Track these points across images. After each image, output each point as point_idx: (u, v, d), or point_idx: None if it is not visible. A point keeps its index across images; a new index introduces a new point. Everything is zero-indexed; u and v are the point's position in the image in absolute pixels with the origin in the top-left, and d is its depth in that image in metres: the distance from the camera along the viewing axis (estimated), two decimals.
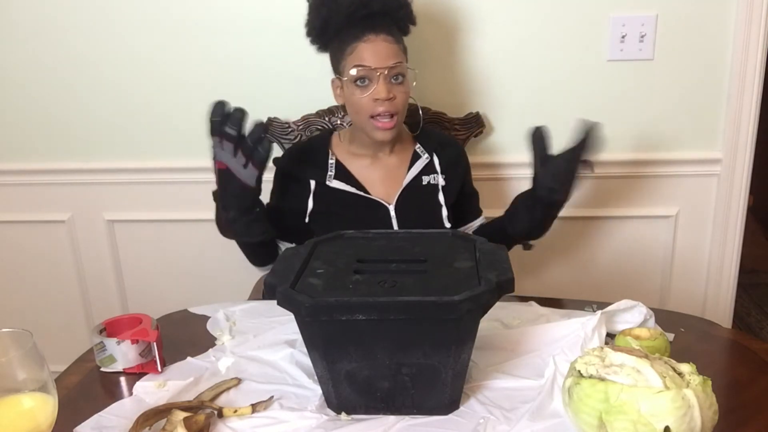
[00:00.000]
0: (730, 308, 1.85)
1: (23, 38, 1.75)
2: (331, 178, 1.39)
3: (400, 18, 1.36)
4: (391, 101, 1.30)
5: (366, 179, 1.41)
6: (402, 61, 1.32)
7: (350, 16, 1.30)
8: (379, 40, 1.29)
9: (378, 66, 1.29)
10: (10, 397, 0.73)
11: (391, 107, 1.30)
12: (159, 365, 1.02)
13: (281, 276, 0.91)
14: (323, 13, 1.33)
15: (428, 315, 0.83)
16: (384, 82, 1.29)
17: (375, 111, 1.31)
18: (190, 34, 1.71)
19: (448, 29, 1.65)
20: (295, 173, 1.43)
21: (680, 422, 0.74)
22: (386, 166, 1.43)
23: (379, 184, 1.41)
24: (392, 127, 1.32)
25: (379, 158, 1.42)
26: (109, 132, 1.82)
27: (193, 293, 1.90)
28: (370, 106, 1.31)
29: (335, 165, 1.41)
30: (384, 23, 1.32)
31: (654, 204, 1.78)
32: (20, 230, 1.94)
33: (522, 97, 1.70)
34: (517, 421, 0.86)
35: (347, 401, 0.90)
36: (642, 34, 1.63)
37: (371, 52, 1.29)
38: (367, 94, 1.30)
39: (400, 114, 1.33)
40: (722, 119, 1.69)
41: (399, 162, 1.43)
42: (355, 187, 1.39)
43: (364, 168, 1.42)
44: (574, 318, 1.05)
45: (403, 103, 1.33)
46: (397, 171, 1.43)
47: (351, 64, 1.30)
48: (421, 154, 1.43)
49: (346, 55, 1.32)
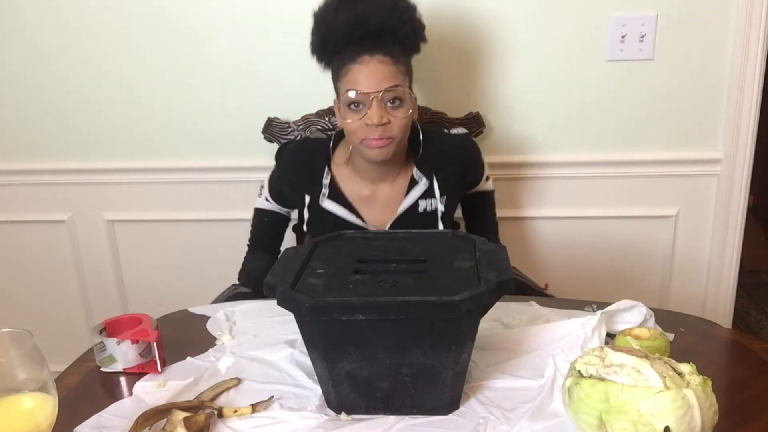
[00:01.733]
0: (730, 308, 1.85)
1: (23, 38, 1.75)
2: (324, 198, 1.35)
3: (405, 36, 1.28)
4: (385, 127, 1.23)
5: (360, 204, 1.36)
6: (399, 85, 1.23)
7: (348, 35, 1.24)
8: (375, 61, 1.22)
9: (370, 90, 1.21)
10: (10, 397, 0.73)
11: (385, 132, 1.23)
12: (159, 365, 1.02)
13: (281, 276, 0.91)
14: (322, 31, 1.28)
15: (428, 315, 0.83)
16: (377, 106, 1.21)
17: (367, 136, 1.24)
18: (190, 34, 1.71)
19: (447, 29, 1.65)
20: (291, 181, 1.40)
21: (680, 422, 0.74)
22: (382, 192, 1.37)
23: (373, 210, 1.37)
24: (385, 146, 1.25)
25: (377, 184, 1.37)
26: (109, 132, 1.82)
27: (193, 293, 1.90)
28: (362, 130, 1.24)
29: (330, 184, 1.35)
30: (384, 43, 1.24)
31: (654, 204, 1.78)
32: (20, 230, 1.94)
33: (522, 97, 1.70)
34: (517, 421, 0.86)
35: (347, 401, 0.90)
36: (642, 34, 1.63)
37: (365, 74, 1.22)
38: (359, 118, 1.24)
39: (396, 139, 1.26)
40: (722, 119, 1.69)
41: (396, 188, 1.37)
42: (347, 210, 1.35)
43: (359, 191, 1.37)
44: (574, 318, 1.05)
45: (401, 128, 1.25)
46: (394, 197, 1.37)
47: (345, 88, 1.25)
48: (419, 180, 1.36)
49: (341, 77, 1.26)
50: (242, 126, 1.75)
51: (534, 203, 1.80)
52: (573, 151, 1.74)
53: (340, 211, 1.35)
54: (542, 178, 1.77)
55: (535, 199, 1.79)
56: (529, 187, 1.78)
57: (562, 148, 1.74)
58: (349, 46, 1.24)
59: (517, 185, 1.77)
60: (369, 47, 1.23)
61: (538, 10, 1.63)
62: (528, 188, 1.78)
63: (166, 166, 1.83)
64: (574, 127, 1.73)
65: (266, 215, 1.54)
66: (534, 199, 1.79)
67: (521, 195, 1.78)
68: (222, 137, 1.78)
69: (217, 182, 1.82)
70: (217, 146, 1.78)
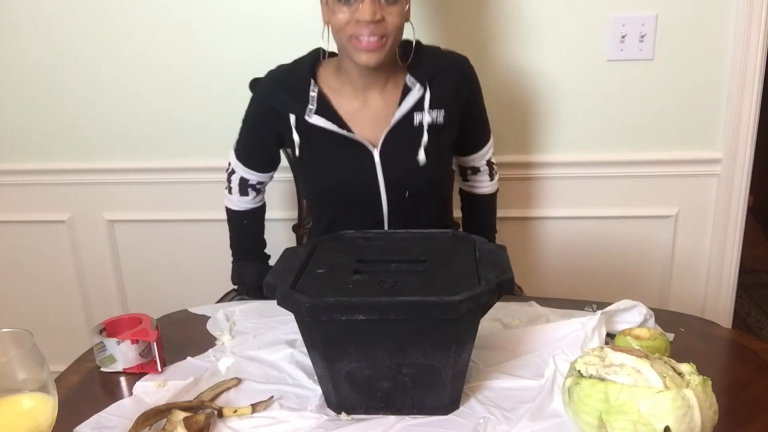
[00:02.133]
0: (730, 308, 1.85)
1: (23, 38, 1.75)
2: (311, 113, 1.24)
3: None
4: (377, 24, 1.12)
5: (351, 116, 1.26)
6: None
7: None
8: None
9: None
10: (10, 397, 0.73)
11: (378, 29, 1.13)
12: (159, 365, 1.02)
13: (281, 276, 0.91)
14: None
15: (428, 315, 0.83)
16: (371, 0, 1.11)
17: (357, 32, 1.14)
18: (191, 34, 1.71)
19: (447, 29, 1.65)
20: (272, 104, 1.29)
21: (680, 422, 0.74)
22: (374, 103, 1.27)
23: (365, 123, 1.26)
24: (377, 48, 1.15)
25: (368, 94, 1.26)
26: (108, 132, 1.82)
27: (193, 293, 1.90)
28: (351, 25, 1.14)
29: (317, 98, 1.24)
30: None
31: (654, 204, 1.78)
32: (20, 230, 1.94)
33: (522, 97, 1.70)
34: (517, 421, 0.86)
35: (347, 401, 0.90)
36: (642, 34, 1.63)
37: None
38: (350, 12, 1.13)
39: (390, 38, 1.15)
40: (722, 119, 1.69)
41: (388, 97, 1.27)
42: (337, 125, 1.24)
43: (349, 103, 1.26)
44: (574, 318, 1.05)
45: (395, 26, 1.15)
46: (386, 108, 1.26)
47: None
48: (412, 86, 1.24)
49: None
50: None
51: (533, 203, 1.80)
52: (572, 151, 1.74)
53: (329, 126, 1.24)
54: (542, 178, 1.77)
55: (534, 199, 1.79)
56: (528, 187, 1.78)
57: (562, 148, 1.74)
58: None
59: (517, 185, 1.77)
60: None
61: (538, 10, 1.63)
62: (527, 188, 1.78)
63: (166, 166, 1.83)
64: (574, 127, 1.73)
65: (244, 217, 1.48)
66: (533, 199, 1.79)
67: (520, 195, 1.78)
68: (222, 137, 1.78)
69: (216, 182, 1.81)
70: (217, 146, 1.78)
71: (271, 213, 1.80)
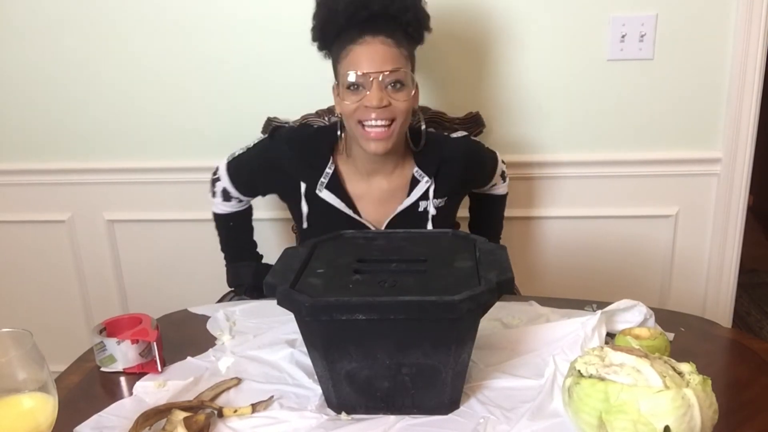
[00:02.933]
0: (730, 308, 1.85)
1: (23, 38, 1.75)
2: (322, 187, 1.29)
3: (408, 22, 1.23)
4: (384, 109, 1.18)
5: (359, 198, 1.32)
6: (401, 67, 1.19)
7: (350, 18, 1.20)
8: (377, 42, 1.18)
9: (371, 71, 1.17)
10: (10, 397, 0.73)
11: (384, 114, 1.18)
12: (159, 365, 1.02)
13: (281, 276, 0.91)
14: (323, 15, 1.24)
15: (428, 315, 0.83)
16: (378, 88, 1.17)
17: (365, 118, 1.19)
18: (190, 34, 1.71)
19: (447, 29, 1.65)
20: (286, 168, 1.32)
21: (680, 422, 0.74)
22: (380, 186, 1.32)
23: (370, 205, 1.32)
24: (385, 137, 1.20)
25: (375, 177, 1.32)
26: (108, 132, 1.82)
27: (193, 293, 1.90)
28: (359, 111, 1.19)
29: (332, 174, 1.30)
30: (386, 26, 1.20)
31: (654, 204, 1.78)
32: (20, 230, 1.94)
33: (522, 97, 1.70)
34: (517, 421, 0.86)
35: (347, 401, 0.90)
36: (642, 34, 1.63)
37: (366, 55, 1.17)
38: (358, 100, 1.19)
39: (397, 123, 1.21)
40: (722, 119, 1.69)
41: (394, 184, 1.32)
42: (345, 204, 1.30)
43: (357, 184, 1.31)
44: (574, 318, 1.05)
45: (401, 111, 1.20)
46: (394, 194, 1.32)
47: (345, 69, 1.20)
48: (420, 179, 1.31)
49: (341, 58, 1.22)
50: (242, 126, 1.74)
51: (534, 203, 1.80)
52: (572, 151, 1.74)
53: (337, 204, 1.29)
54: (542, 178, 1.77)
55: (534, 199, 1.79)
56: (528, 187, 1.78)
57: (562, 148, 1.74)
58: (351, 29, 1.20)
59: (517, 185, 1.77)
60: (371, 28, 1.19)
61: (538, 10, 1.63)
62: (528, 188, 1.78)
63: (166, 166, 1.83)
64: (574, 127, 1.73)
65: (230, 219, 1.49)
66: (534, 199, 1.79)
67: (521, 195, 1.78)
68: (222, 137, 1.78)
69: None
70: (217, 146, 1.78)
71: (271, 213, 1.81)
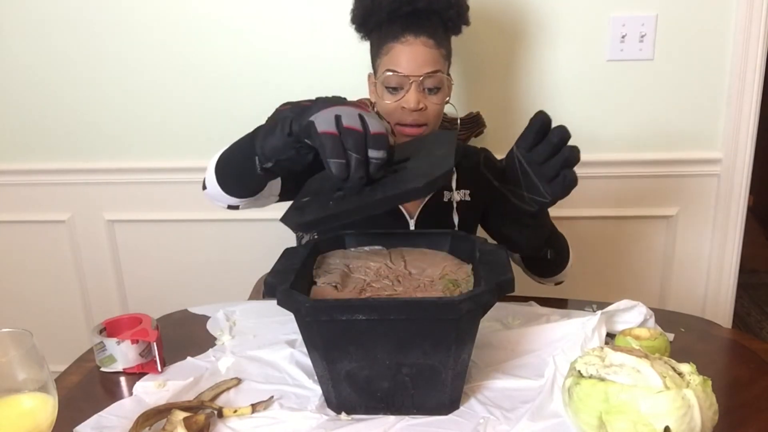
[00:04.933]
0: (730, 308, 1.85)
1: (24, 39, 1.75)
2: None
3: (449, 18, 1.24)
4: (420, 112, 1.21)
5: None
6: (439, 70, 1.21)
7: (393, 11, 1.20)
8: (418, 43, 1.19)
9: (411, 74, 1.19)
10: (10, 397, 0.73)
11: (420, 118, 1.21)
12: (159, 365, 1.02)
13: (281, 276, 0.91)
14: (366, 4, 1.24)
15: (428, 315, 0.83)
16: (415, 90, 1.19)
17: (402, 120, 1.22)
18: (190, 34, 1.71)
19: None
20: None
21: (680, 422, 0.74)
22: None
23: None
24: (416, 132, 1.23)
25: None
26: (109, 132, 1.82)
27: (193, 293, 1.90)
28: (397, 113, 1.22)
29: None
30: (429, 23, 1.20)
31: (654, 204, 1.78)
32: (20, 230, 1.94)
33: (522, 97, 1.70)
34: (517, 421, 0.86)
35: (347, 401, 0.90)
36: (642, 34, 1.63)
37: (407, 56, 1.19)
38: (396, 100, 1.21)
39: (430, 125, 1.24)
40: (722, 119, 1.69)
41: None
42: None
43: None
44: (574, 318, 1.05)
45: (435, 114, 1.24)
46: None
47: (384, 67, 1.22)
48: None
49: (381, 54, 1.23)
50: (242, 126, 1.73)
51: None
52: None
53: None
54: None
55: None
56: None
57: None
58: (393, 23, 1.21)
59: None
60: (414, 27, 1.19)
61: (538, 10, 1.63)
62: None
63: (166, 166, 1.83)
64: (574, 128, 1.71)
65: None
66: None
67: None
68: (222, 137, 1.77)
69: None
70: (217, 146, 1.77)
71: (270, 213, 1.81)
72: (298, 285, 0.89)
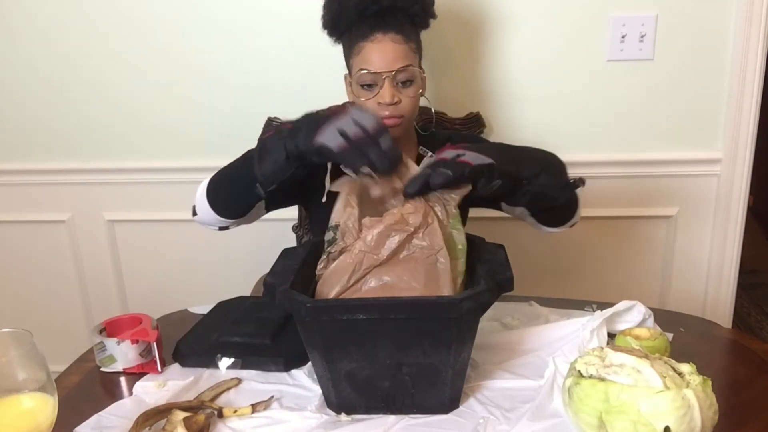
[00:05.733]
0: (730, 308, 1.85)
1: (24, 39, 1.75)
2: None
3: (415, 13, 1.28)
4: (396, 105, 1.25)
5: None
6: (410, 64, 1.24)
7: (360, 12, 1.24)
8: (387, 40, 1.23)
9: (383, 70, 1.23)
10: (10, 397, 0.73)
11: (396, 111, 1.25)
12: (159, 365, 1.02)
13: (281, 276, 0.91)
14: (334, 9, 1.28)
15: (428, 314, 0.83)
16: (389, 85, 1.23)
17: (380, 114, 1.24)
18: (190, 34, 1.71)
19: (447, 29, 1.65)
20: None
21: (680, 422, 0.74)
22: None
23: None
24: (395, 125, 1.26)
25: None
26: (109, 132, 1.82)
27: (193, 293, 1.90)
28: (374, 108, 1.25)
29: None
30: (395, 20, 1.24)
31: (654, 204, 1.78)
32: (20, 230, 1.94)
33: (522, 97, 1.70)
34: (517, 421, 0.86)
35: (347, 401, 0.90)
36: (642, 34, 1.63)
37: (377, 54, 1.23)
38: (372, 97, 1.25)
39: (405, 118, 1.28)
40: (722, 119, 1.69)
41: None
42: None
43: None
44: (574, 318, 1.05)
45: (410, 107, 1.27)
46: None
47: (357, 66, 1.25)
48: (425, 154, 1.35)
49: (353, 54, 1.27)
50: (242, 126, 1.75)
51: None
52: (572, 151, 1.74)
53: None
54: None
55: None
56: None
57: (562, 148, 1.71)
58: (362, 23, 1.25)
59: None
60: (382, 25, 1.23)
61: (538, 10, 1.63)
62: None
63: (166, 166, 1.83)
64: (574, 128, 1.73)
65: None
66: None
67: None
68: (222, 137, 1.78)
69: None
70: (217, 146, 1.78)
71: (270, 213, 1.81)
72: (298, 285, 0.89)
